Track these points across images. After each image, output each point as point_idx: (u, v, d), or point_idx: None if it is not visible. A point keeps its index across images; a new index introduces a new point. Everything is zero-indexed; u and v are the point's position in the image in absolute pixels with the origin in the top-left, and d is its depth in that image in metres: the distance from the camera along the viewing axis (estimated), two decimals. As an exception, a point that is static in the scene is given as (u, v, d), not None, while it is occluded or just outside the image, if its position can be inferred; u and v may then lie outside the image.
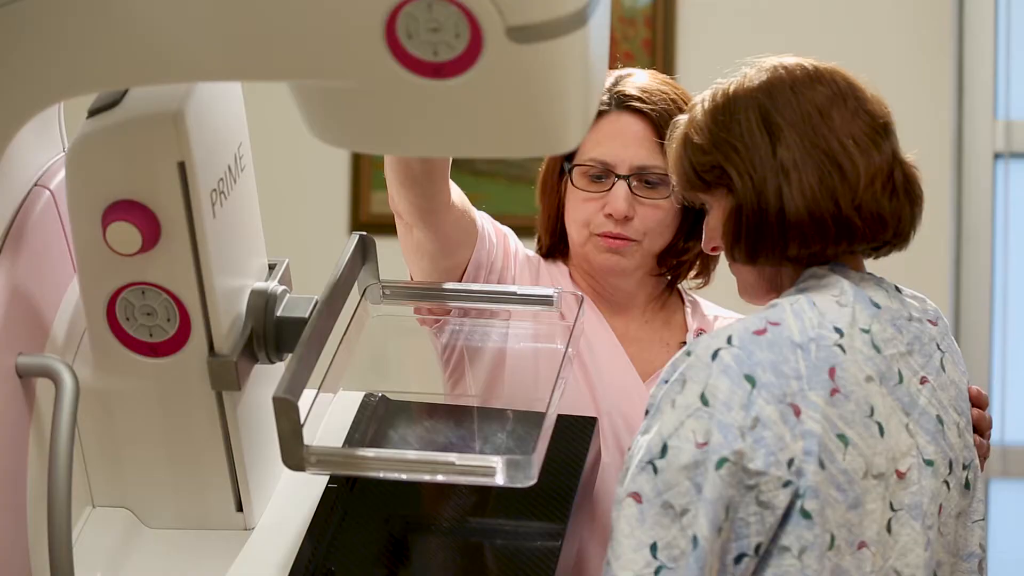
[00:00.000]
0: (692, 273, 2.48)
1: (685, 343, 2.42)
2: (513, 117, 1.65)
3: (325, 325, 1.96)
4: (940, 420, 1.96)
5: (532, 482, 1.88)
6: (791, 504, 1.83)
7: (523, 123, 1.66)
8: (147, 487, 1.94)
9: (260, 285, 1.96)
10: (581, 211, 2.40)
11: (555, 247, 2.48)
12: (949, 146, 4.31)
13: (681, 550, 1.80)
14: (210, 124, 1.86)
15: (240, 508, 1.95)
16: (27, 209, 1.90)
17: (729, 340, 1.87)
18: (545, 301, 2.11)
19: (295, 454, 1.86)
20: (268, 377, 1.99)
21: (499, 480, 1.87)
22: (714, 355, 1.86)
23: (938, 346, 1.99)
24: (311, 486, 2.02)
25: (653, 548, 1.80)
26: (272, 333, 1.94)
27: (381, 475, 1.89)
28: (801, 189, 1.92)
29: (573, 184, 2.40)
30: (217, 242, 1.87)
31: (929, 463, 1.94)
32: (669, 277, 2.47)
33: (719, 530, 1.81)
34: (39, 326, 1.88)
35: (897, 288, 2.01)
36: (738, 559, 1.83)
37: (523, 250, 2.49)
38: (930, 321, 2.00)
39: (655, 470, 1.82)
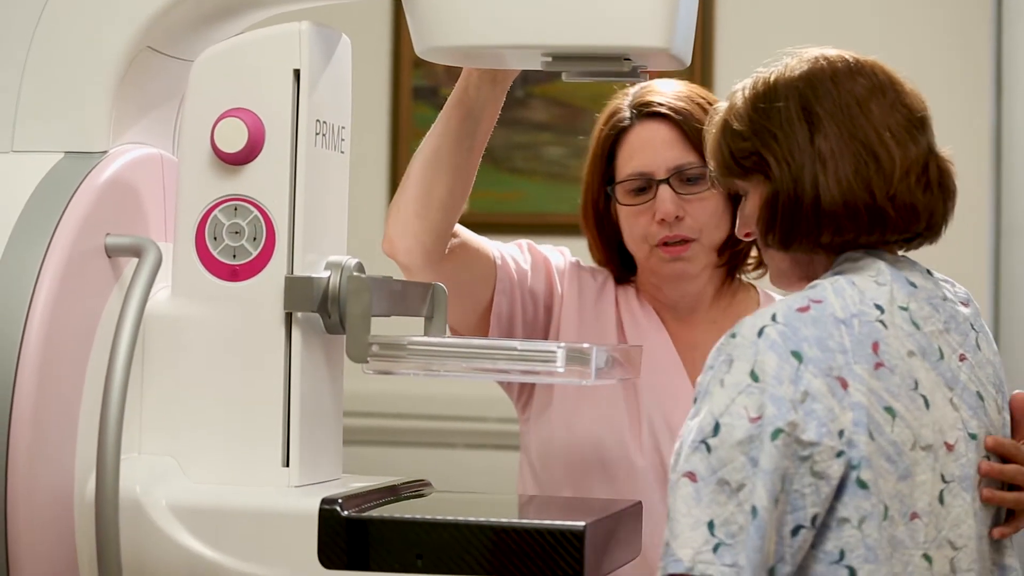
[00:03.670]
0: (751, 265, 2.52)
1: None
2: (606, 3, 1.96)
3: (406, 294, 2.04)
4: (980, 396, 1.99)
5: (590, 378, 1.88)
6: (846, 475, 1.86)
7: (614, 9, 1.96)
8: (198, 430, 1.96)
9: (336, 257, 2.01)
10: (636, 227, 2.45)
11: (623, 274, 2.53)
12: (988, 144, 4.32)
13: (739, 526, 1.83)
14: (322, 68, 1.98)
15: (287, 463, 1.95)
16: (135, 149, 2.04)
17: (774, 318, 1.91)
18: (547, 358, 1.95)
19: (360, 341, 1.92)
20: (336, 346, 2.03)
21: (558, 366, 1.87)
22: (760, 332, 1.89)
23: (972, 326, 2.03)
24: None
25: (711, 525, 1.83)
26: (345, 296, 1.96)
27: (443, 372, 1.91)
28: (837, 178, 1.96)
29: (619, 203, 2.45)
30: (313, 172, 1.97)
31: (973, 436, 1.97)
32: (729, 268, 2.51)
33: (776, 501, 1.84)
34: (134, 222, 2.01)
35: (928, 271, 2.04)
36: (795, 531, 1.86)
37: (572, 270, 2.52)
38: (962, 303, 2.04)
39: (708, 448, 1.85)
